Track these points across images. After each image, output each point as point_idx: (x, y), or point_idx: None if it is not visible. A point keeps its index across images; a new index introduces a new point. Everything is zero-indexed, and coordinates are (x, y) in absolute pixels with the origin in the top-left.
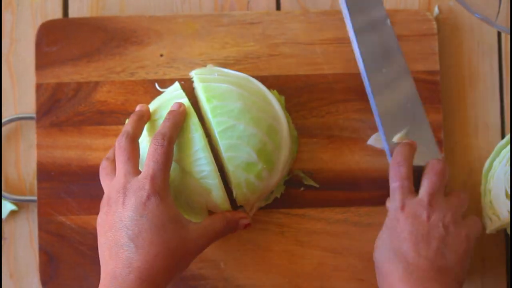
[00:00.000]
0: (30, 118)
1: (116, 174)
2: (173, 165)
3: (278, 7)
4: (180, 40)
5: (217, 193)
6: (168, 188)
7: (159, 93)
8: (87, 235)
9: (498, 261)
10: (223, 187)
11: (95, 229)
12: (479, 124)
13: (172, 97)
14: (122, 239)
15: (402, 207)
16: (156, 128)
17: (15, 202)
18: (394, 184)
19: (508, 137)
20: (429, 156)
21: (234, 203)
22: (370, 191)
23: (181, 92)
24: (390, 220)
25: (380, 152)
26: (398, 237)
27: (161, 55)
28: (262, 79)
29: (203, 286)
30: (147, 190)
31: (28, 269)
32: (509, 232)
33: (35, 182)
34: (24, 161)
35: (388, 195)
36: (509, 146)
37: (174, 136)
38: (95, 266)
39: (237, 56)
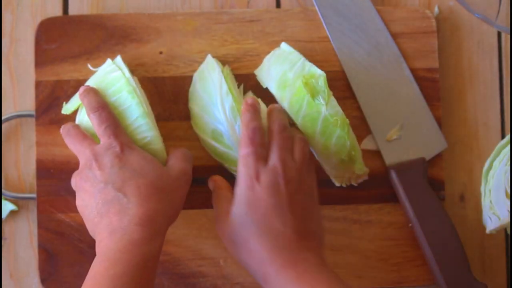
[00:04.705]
0: (29, 115)
1: (79, 156)
2: None
3: (277, 4)
4: (180, 37)
5: (162, 156)
6: (132, 139)
7: (157, 91)
8: (86, 232)
9: (498, 261)
10: (164, 152)
11: None
12: (479, 124)
13: (106, 72)
14: (110, 194)
15: (257, 176)
16: None
17: (14, 200)
18: (247, 150)
19: (508, 137)
20: (434, 146)
21: None
22: (369, 189)
23: (114, 66)
24: (244, 190)
25: (378, 150)
26: (259, 210)
27: (161, 53)
28: None
29: (203, 284)
30: (117, 145)
31: (28, 269)
32: (509, 232)
33: (35, 181)
34: (24, 161)
35: (387, 192)
36: (509, 146)
37: (104, 100)
38: None
39: (237, 53)
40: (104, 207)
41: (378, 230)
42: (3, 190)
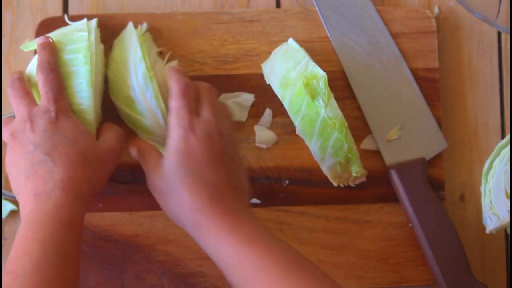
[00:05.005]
0: None
1: (16, 111)
2: None
3: (277, 4)
4: (180, 37)
5: (91, 128)
6: (70, 107)
7: None
8: (86, 232)
9: (498, 261)
10: (94, 124)
11: (94, 226)
12: (479, 124)
13: (75, 29)
14: (38, 156)
15: (192, 127)
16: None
17: (14, 200)
18: (179, 102)
19: (508, 137)
20: (434, 146)
21: None
22: (369, 189)
23: (85, 27)
24: (178, 141)
25: (378, 150)
26: (194, 161)
27: (160, 53)
28: (261, 77)
29: (203, 284)
30: (53, 111)
31: None
32: (509, 232)
33: None
34: None
35: (387, 192)
36: (509, 146)
37: (57, 61)
38: (95, 263)
39: (237, 53)
40: (31, 169)
41: (378, 230)
42: (3, 190)
